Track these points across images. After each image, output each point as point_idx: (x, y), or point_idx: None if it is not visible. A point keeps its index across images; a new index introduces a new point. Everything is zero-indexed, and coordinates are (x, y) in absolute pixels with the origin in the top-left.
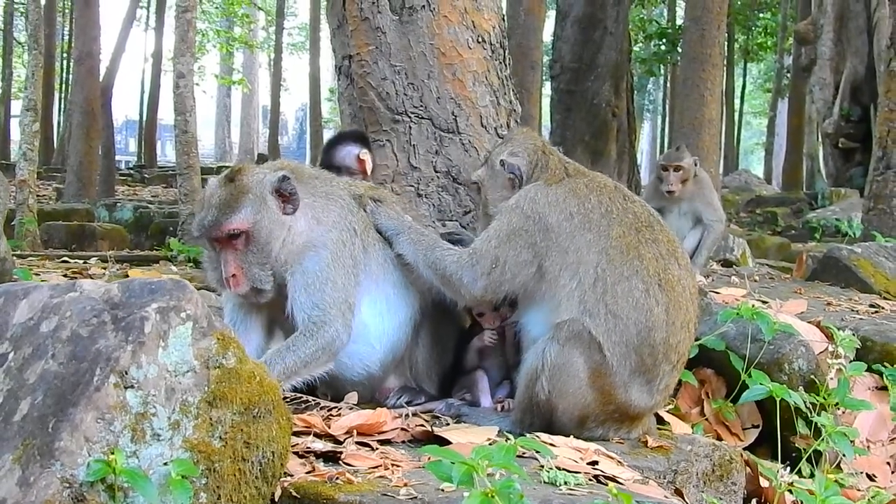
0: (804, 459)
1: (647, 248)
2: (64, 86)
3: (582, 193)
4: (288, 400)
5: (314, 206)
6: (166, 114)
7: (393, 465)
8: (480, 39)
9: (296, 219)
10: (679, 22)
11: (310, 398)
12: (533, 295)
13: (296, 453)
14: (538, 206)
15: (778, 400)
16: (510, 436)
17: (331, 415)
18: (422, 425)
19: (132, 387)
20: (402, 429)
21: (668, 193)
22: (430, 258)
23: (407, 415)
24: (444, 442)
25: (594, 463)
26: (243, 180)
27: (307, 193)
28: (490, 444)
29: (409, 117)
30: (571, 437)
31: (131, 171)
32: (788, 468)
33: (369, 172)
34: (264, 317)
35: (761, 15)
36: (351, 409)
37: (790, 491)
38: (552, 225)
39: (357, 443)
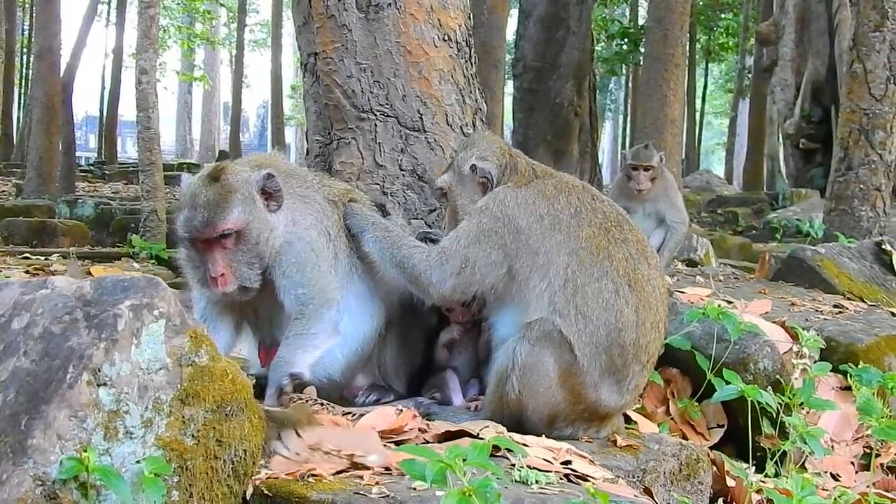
0: (771, 459)
1: (616, 249)
2: (24, 81)
3: (551, 195)
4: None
5: (292, 207)
6: (126, 110)
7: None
8: (446, 38)
9: (277, 217)
10: (641, 22)
11: (299, 396)
12: (503, 296)
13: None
14: (508, 209)
15: (750, 400)
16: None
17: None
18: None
19: (105, 384)
20: (420, 429)
21: (638, 192)
22: (396, 256)
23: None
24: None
25: (567, 462)
26: (229, 179)
27: (286, 193)
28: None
29: (375, 115)
30: (543, 436)
31: (91, 168)
32: (754, 468)
33: None
34: (234, 316)
35: (723, 15)
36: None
37: (757, 490)
38: (522, 227)
39: None
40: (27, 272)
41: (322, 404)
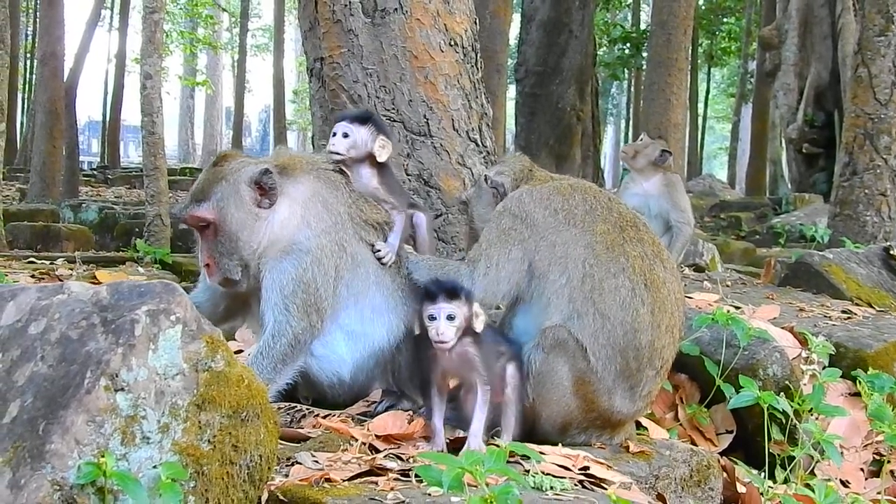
0: (780, 465)
1: (631, 247)
2: (27, 86)
3: (566, 192)
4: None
5: (309, 207)
6: (129, 114)
7: (379, 468)
8: (452, 42)
9: (276, 213)
10: (643, 26)
11: (304, 407)
12: (524, 294)
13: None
14: (524, 205)
15: (759, 406)
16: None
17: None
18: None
19: (122, 389)
20: (425, 437)
21: (631, 166)
22: (435, 276)
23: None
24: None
25: (585, 468)
26: (223, 167)
27: (305, 193)
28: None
29: None
30: (559, 444)
31: (94, 172)
32: (765, 474)
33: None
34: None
35: (725, 20)
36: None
37: (763, 495)
38: (538, 220)
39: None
40: (33, 276)
41: (301, 410)
